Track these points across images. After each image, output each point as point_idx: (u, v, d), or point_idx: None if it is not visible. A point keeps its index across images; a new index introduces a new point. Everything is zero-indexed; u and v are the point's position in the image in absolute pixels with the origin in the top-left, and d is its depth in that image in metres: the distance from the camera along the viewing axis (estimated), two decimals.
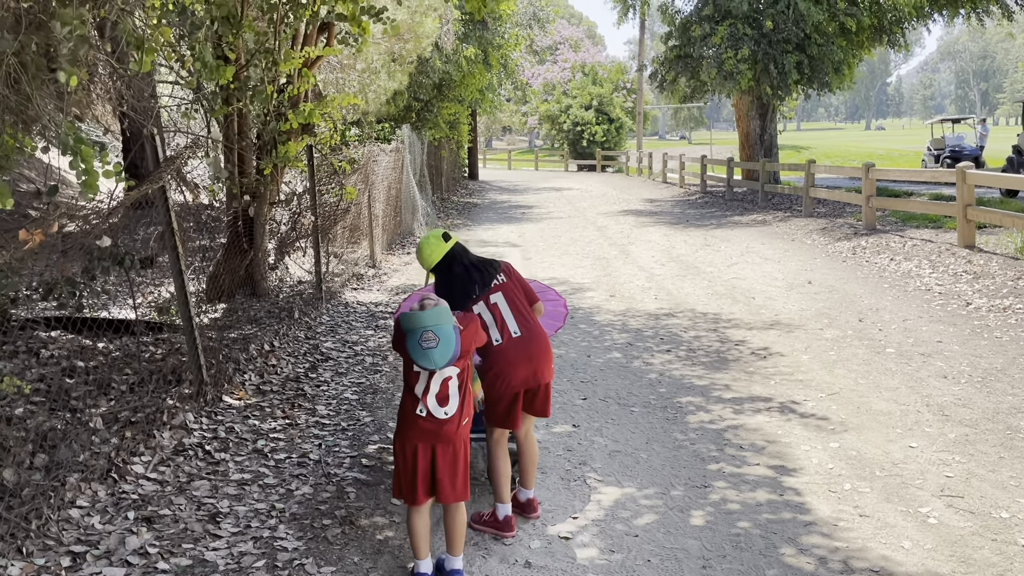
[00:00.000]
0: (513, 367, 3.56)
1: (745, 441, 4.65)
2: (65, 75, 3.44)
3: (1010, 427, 4.69)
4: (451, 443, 3.14)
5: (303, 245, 9.17)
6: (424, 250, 3.69)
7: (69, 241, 4.75)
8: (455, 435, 3.15)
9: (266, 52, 6.19)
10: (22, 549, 3.22)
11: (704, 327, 7.34)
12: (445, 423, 3.13)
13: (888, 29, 18.80)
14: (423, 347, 2.99)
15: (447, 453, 3.14)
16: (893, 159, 33.07)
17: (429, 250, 3.68)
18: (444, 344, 3.00)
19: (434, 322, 3.00)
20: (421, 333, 2.99)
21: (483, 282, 3.67)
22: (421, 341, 2.99)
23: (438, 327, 3.00)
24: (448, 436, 3.13)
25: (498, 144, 71.07)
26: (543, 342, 3.67)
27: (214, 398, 5.10)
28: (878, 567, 3.29)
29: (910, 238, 11.13)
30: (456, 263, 3.69)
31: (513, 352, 3.57)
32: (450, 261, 3.69)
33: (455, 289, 3.65)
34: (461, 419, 3.18)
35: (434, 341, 2.99)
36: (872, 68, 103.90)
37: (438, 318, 3.02)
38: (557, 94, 42.86)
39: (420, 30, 13.06)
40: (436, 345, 2.99)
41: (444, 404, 3.13)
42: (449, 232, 3.77)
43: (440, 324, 3.01)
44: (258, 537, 3.57)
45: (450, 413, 3.14)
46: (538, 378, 3.62)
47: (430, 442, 3.13)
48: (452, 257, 3.70)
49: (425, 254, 3.69)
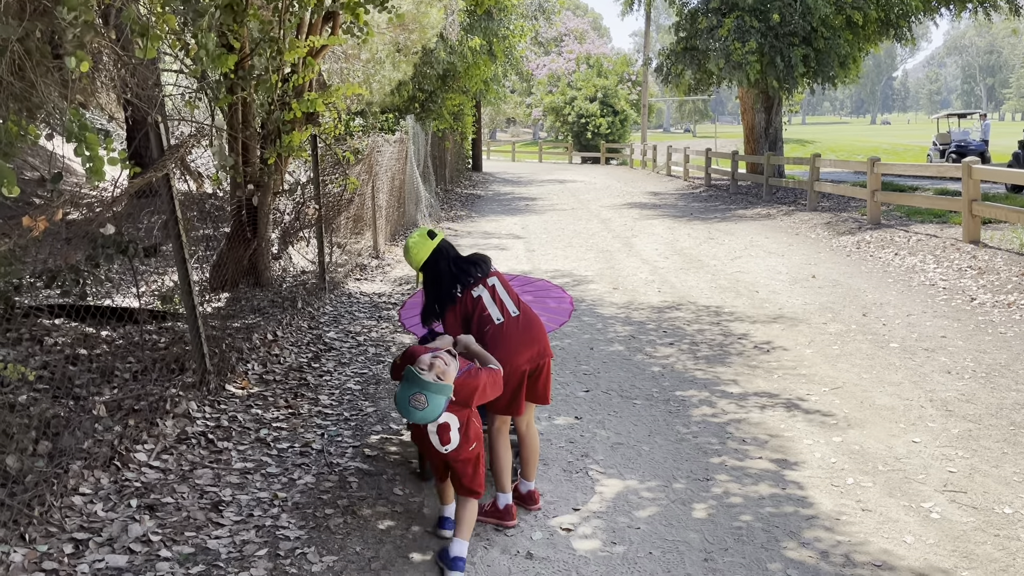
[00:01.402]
0: (517, 347, 3.58)
1: (747, 435, 4.65)
2: (74, 60, 3.43)
3: (1013, 423, 4.68)
4: (460, 462, 3.25)
5: (306, 235, 9.17)
6: (411, 250, 3.69)
7: (73, 229, 4.75)
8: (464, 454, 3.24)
9: (271, 41, 6.17)
10: (25, 536, 3.23)
11: (707, 320, 7.33)
12: (447, 455, 3.23)
13: (895, 23, 18.71)
14: (410, 406, 3.01)
15: (458, 464, 3.26)
16: (898, 154, 32.96)
17: (416, 249, 3.68)
18: (431, 410, 3.02)
19: (432, 391, 3.02)
20: (415, 392, 3.01)
21: (480, 270, 3.70)
22: (411, 399, 3.01)
23: (432, 396, 3.02)
24: (455, 458, 3.24)
25: (502, 136, 70.97)
26: (539, 322, 3.74)
27: (217, 387, 5.10)
28: (880, 561, 3.29)
29: (915, 233, 11.10)
30: (442, 259, 3.70)
31: (515, 332, 3.60)
32: (437, 258, 3.70)
33: (443, 286, 3.67)
34: (467, 447, 3.24)
35: (422, 406, 3.00)
36: (878, 62, 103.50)
37: (439, 390, 3.03)
38: (562, 86, 42.73)
39: (425, 20, 13.01)
40: (422, 409, 3.01)
41: (446, 444, 3.19)
42: (435, 230, 3.77)
43: (437, 395, 3.03)
44: (260, 526, 3.58)
45: (453, 447, 3.20)
46: (543, 354, 3.66)
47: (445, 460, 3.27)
48: (439, 253, 3.71)
49: (412, 253, 3.69)
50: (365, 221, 10.64)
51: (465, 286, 3.66)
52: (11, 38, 3.33)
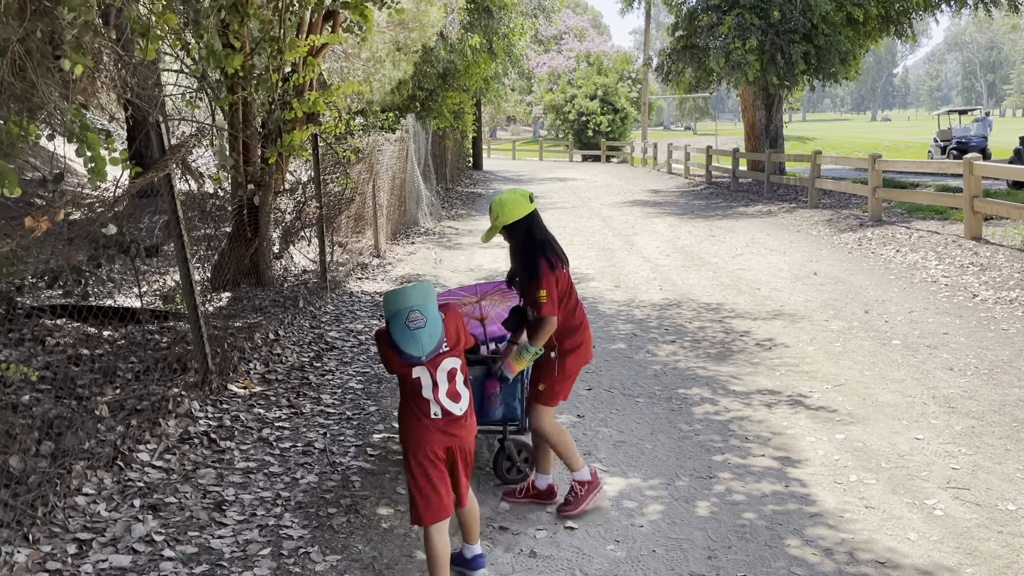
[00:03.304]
0: (589, 343, 3.71)
1: (750, 432, 4.64)
2: (69, 63, 3.43)
3: (1016, 419, 4.67)
4: (467, 441, 3.02)
5: (308, 234, 9.17)
6: (507, 204, 3.52)
7: (75, 229, 4.75)
8: (471, 433, 3.05)
9: (271, 40, 6.16)
10: (28, 536, 3.23)
11: (709, 318, 7.33)
12: (462, 420, 2.99)
13: (895, 19, 18.70)
14: (410, 328, 2.76)
15: (465, 453, 3.02)
16: (899, 150, 32.93)
17: (513, 205, 3.53)
18: (432, 325, 2.79)
19: (420, 301, 2.79)
20: (408, 313, 2.77)
21: (565, 256, 3.66)
22: (408, 322, 2.75)
23: (424, 307, 2.79)
24: (466, 435, 3.01)
25: (502, 134, 70.93)
26: None
27: (219, 387, 5.10)
28: (884, 558, 3.29)
29: (916, 229, 11.09)
30: (537, 228, 3.57)
31: (589, 330, 3.72)
32: (532, 221, 3.56)
33: (539, 251, 3.50)
34: (472, 409, 3.07)
35: (422, 321, 2.76)
36: (878, 59, 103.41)
37: (424, 297, 2.81)
38: (562, 84, 42.71)
39: (425, 19, 13.00)
40: (424, 325, 2.77)
41: (457, 400, 2.97)
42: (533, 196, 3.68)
43: (427, 305, 2.81)
44: (263, 525, 3.58)
45: (464, 408, 3.00)
46: None
47: (450, 445, 2.96)
48: (533, 220, 3.58)
49: (508, 208, 3.52)
50: (366, 220, 10.64)
51: (553, 264, 3.52)
52: (12, 38, 3.33)
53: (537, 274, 3.46)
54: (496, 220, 3.57)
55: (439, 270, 10.15)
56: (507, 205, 3.53)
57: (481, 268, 10.16)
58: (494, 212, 3.57)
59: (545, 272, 3.46)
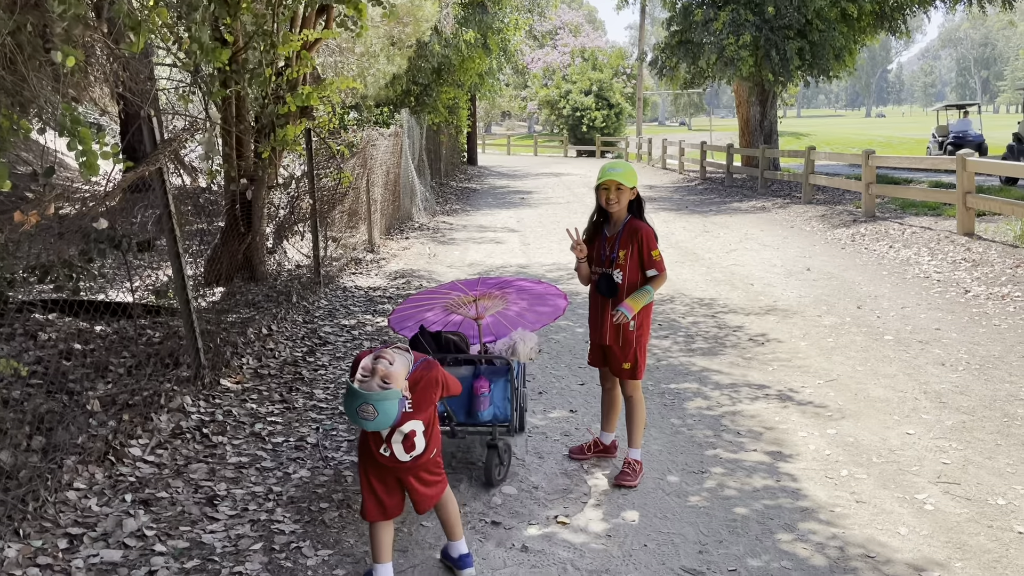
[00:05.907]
0: None
1: (742, 427, 4.65)
2: (61, 55, 3.41)
3: (1007, 414, 4.69)
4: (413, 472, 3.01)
5: (301, 229, 9.15)
6: (632, 170, 3.87)
7: (66, 223, 4.73)
8: (421, 467, 3.01)
9: (264, 34, 6.15)
10: (19, 531, 3.23)
11: (702, 313, 7.34)
12: (409, 463, 2.97)
13: (889, 15, 18.73)
14: (359, 416, 2.76)
15: (417, 478, 3.03)
16: (893, 146, 32.99)
17: (631, 173, 3.85)
18: (382, 418, 2.76)
19: (377, 399, 2.74)
20: (360, 404, 2.75)
21: None
22: (358, 410, 2.75)
23: (379, 403, 2.74)
24: (414, 468, 3.00)
25: (497, 129, 70.82)
26: None
27: (212, 381, 5.10)
28: (874, 553, 3.30)
29: (909, 225, 11.12)
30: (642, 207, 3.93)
31: None
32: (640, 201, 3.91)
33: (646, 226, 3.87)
34: (429, 454, 3.02)
35: (371, 415, 2.74)
36: (873, 55, 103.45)
37: (384, 396, 2.75)
38: (557, 79, 42.66)
39: (419, 13, 12.97)
40: (373, 419, 2.75)
41: (410, 451, 2.95)
42: None
43: (385, 402, 2.75)
44: (255, 520, 3.58)
45: (416, 454, 2.97)
46: None
47: (394, 476, 3.01)
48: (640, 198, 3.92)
49: (633, 173, 3.85)
50: (360, 215, 10.62)
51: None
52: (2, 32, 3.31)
53: (654, 236, 3.89)
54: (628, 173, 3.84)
55: (433, 265, 10.14)
56: (632, 171, 3.87)
57: (475, 264, 10.16)
58: (624, 169, 3.85)
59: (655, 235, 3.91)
